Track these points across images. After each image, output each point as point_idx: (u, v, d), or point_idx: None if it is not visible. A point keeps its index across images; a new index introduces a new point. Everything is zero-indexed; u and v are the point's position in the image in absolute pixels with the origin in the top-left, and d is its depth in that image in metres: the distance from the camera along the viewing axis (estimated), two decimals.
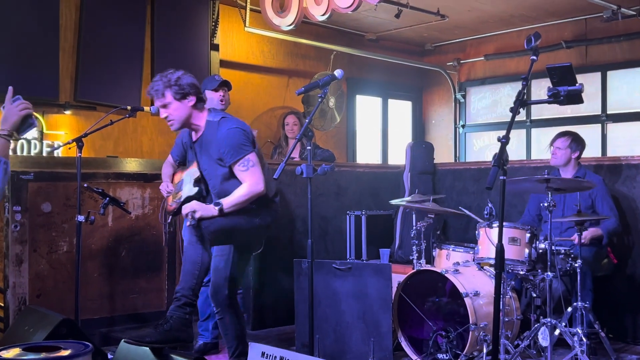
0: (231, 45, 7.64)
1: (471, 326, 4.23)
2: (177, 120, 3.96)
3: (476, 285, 4.43)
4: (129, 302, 5.47)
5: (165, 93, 3.87)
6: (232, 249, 3.90)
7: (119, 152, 6.55)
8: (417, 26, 8.20)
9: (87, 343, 2.77)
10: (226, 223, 3.84)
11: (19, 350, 2.71)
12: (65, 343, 2.80)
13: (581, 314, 4.33)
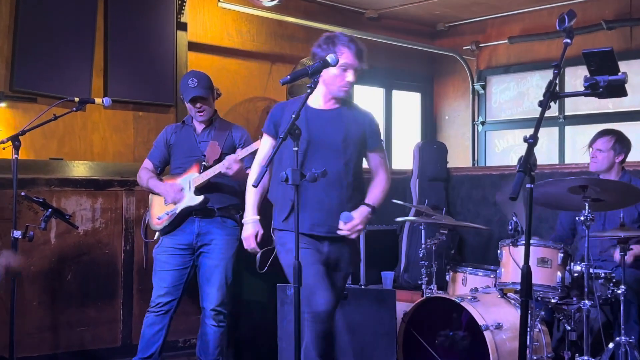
0: (202, 25, 7.63)
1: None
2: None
3: (498, 316, 4.44)
4: (75, 336, 5.44)
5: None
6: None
7: (64, 154, 6.50)
8: (427, 2, 8.22)
9: None
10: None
11: None
12: None
13: (625, 351, 4.34)
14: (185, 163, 4.84)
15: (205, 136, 4.91)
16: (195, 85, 4.84)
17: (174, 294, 4.78)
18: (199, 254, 4.81)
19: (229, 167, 4.63)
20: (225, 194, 4.82)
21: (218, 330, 4.81)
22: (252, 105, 8.07)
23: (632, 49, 8.11)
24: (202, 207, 4.73)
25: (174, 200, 4.78)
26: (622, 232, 4.48)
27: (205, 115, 4.91)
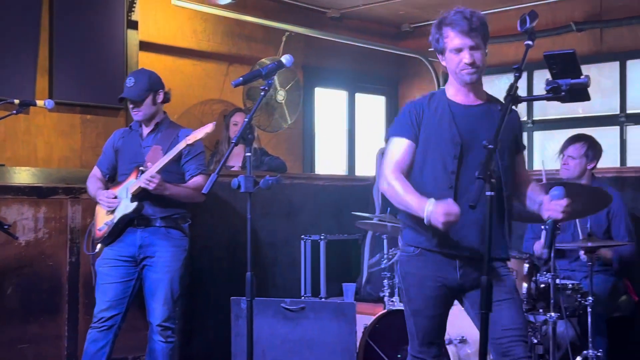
0: (154, 23, 7.59)
1: None
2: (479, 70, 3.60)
3: (463, 330, 4.45)
4: (16, 353, 5.37)
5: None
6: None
7: (5, 159, 6.42)
8: (392, 2, 8.26)
9: None
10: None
11: None
12: None
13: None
14: (128, 169, 4.77)
15: (150, 141, 4.79)
16: (131, 86, 4.73)
17: (118, 308, 4.70)
18: (142, 267, 4.74)
19: (146, 183, 4.49)
20: (168, 202, 4.68)
21: (167, 347, 4.75)
22: (208, 107, 8.04)
23: (603, 51, 8.22)
24: (140, 215, 4.64)
25: (110, 208, 4.72)
26: (590, 242, 4.53)
27: (140, 115, 4.78)
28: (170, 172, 4.62)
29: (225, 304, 4.89)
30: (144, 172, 4.57)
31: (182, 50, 7.85)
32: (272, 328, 4.69)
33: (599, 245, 4.60)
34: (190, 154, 4.69)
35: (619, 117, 8.26)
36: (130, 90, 4.72)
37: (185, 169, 4.73)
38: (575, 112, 8.39)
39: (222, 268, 5.81)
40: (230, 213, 5.89)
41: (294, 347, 4.65)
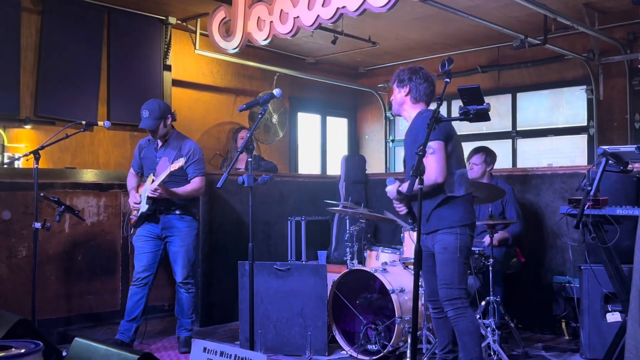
0: (182, 66, 7.54)
1: (397, 319, 4.26)
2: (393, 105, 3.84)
3: (402, 283, 4.45)
4: (84, 302, 5.32)
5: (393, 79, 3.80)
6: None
7: (76, 164, 6.37)
8: (352, 51, 8.26)
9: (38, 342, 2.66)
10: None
11: None
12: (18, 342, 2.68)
13: (493, 307, 4.41)
14: (147, 174, 4.74)
15: (161, 152, 4.69)
16: (146, 117, 4.60)
17: (150, 271, 4.67)
18: (165, 242, 4.71)
19: (152, 193, 4.47)
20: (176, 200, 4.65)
21: (189, 296, 4.73)
22: (222, 127, 8.01)
23: (500, 86, 8.29)
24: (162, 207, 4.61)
25: (134, 208, 4.71)
26: (491, 221, 4.56)
27: (155, 137, 4.69)
28: (176, 175, 4.55)
29: (234, 266, 4.86)
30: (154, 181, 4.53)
31: (203, 86, 7.81)
32: (268, 283, 4.67)
33: (497, 222, 4.62)
34: (189, 161, 4.59)
35: (511, 133, 8.33)
36: (145, 121, 4.61)
37: (187, 172, 4.65)
38: (481, 130, 8.44)
39: (231, 240, 5.78)
40: (237, 201, 5.86)
41: (283, 296, 4.63)
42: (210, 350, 2.70)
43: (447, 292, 3.46)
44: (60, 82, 6.36)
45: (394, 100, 3.75)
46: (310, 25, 5.32)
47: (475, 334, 3.45)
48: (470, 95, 2.79)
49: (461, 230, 3.46)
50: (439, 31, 7.50)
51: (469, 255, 3.58)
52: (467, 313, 3.45)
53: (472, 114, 2.77)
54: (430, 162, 3.30)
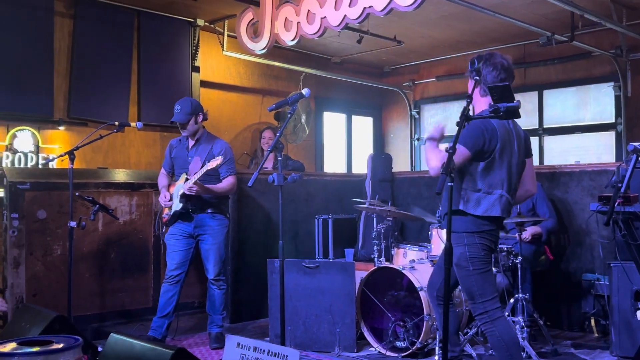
0: (210, 68, 7.61)
1: (425, 317, 4.25)
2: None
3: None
4: (117, 299, 5.39)
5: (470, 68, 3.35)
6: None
7: (108, 164, 6.47)
8: (377, 51, 8.25)
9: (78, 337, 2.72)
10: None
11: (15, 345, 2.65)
12: (58, 338, 2.74)
13: (522, 305, 4.38)
14: (179, 173, 4.78)
15: (193, 152, 4.74)
16: (178, 112, 4.67)
17: (182, 268, 4.71)
18: (197, 240, 4.75)
19: (189, 190, 4.51)
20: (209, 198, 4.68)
21: (220, 292, 4.77)
22: (249, 128, 8.06)
23: (526, 84, 8.20)
24: (194, 206, 4.65)
25: (165, 206, 4.75)
26: (519, 219, 4.53)
27: (185, 133, 4.73)
28: (208, 174, 4.58)
29: (263, 263, 4.90)
30: (188, 179, 4.57)
31: (230, 87, 7.86)
32: (296, 280, 4.69)
33: (526, 220, 4.59)
34: (222, 161, 4.61)
35: (538, 130, 8.24)
36: (178, 115, 4.67)
37: (219, 171, 4.69)
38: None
39: (260, 238, 5.82)
40: (265, 200, 5.90)
41: (312, 293, 4.65)
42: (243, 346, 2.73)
43: (472, 308, 3.35)
44: (92, 84, 6.46)
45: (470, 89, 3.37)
46: (337, 25, 5.33)
47: (506, 348, 3.23)
48: (501, 93, 2.77)
49: (468, 239, 3.24)
50: (464, 29, 7.46)
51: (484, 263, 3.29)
52: (494, 327, 3.24)
53: (502, 112, 2.75)
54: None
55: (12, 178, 4.90)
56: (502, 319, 3.29)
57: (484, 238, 3.26)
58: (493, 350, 3.35)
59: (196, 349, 4.68)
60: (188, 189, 4.50)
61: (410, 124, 9.56)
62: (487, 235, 3.27)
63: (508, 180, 3.29)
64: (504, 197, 3.26)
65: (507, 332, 3.26)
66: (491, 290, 3.30)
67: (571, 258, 5.32)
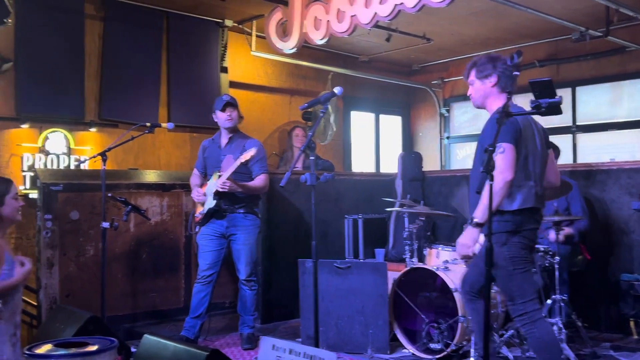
0: (239, 68, 7.60)
1: (460, 318, 4.17)
2: (475, 98, 3.49)
3: None
4: (149, 300, 5.40)
5: (470, 73, 3.45)
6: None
7: (139, 165, 6.50)
8: (405, 49, 8.16)
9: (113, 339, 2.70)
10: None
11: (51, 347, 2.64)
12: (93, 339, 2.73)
13: (559, 306, 4.28)
14: (212, 172, 4.76)
15: (226, 150, 4.73)
16: (229, 99, 4.70)
17: (214, 269, 4.70)
18: (229, 241, 4.73)
19: (222, 186, 4.49)
20: (243, 196, 4.66)
21: (252, 293, 4.75)
22: (277, 128, 8.03)
23: (559, 81, 8.02)
24: (225, 206, 4.63)
25: (199, 201, 4.73)
26: (557, 217, 4.42)
27: (231, 121, 4.69)
28: (240, 172, 4.58)
29: (294, 264, 4.85)
30: (220, 177, 4.55)
31: (258, 87, 7.85)
32: (328, 281, 4.65)
33: (562, 219, 4.48)
34: (254, 159, 4.58)
35: (571, 127, 8.09)
36: (230, 98, 4.72)
37: (252, 169, 4.67)
38: None
39: (290, 238, 5.78)
40: (294, 200, 5.86)
41: (344, 294, 4.60)
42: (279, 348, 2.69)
43: (511, 309, 3.28)
44: (122, 86, 6.49)
45: (477, 93, 3.42)
46: (367, 23, 5.27)
47: (547, 350, 3.16)
48: (542, 89, 2.69)
49: (508, 239, 3.17)
50: (494, 26, 7.34)
51: (524, 262, 3.23)
52: (535, 328, 3.17)
53: (543, 108, 2.67)
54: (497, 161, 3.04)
55: (45, 179, 4.93)
56: (542, 320, 3.24)
57: (523, 237, 3.21)
58: (532, 352, 3.28)
59: (228, 350, 4.66)
60: (221, 185, 4.48)
61: (439, 123, 9.45)
62: (526, 233, 3.21)
63: (534, 172, 3.28)
64: (534, 189, 3.25)
65: (547, 333, 3.21)
66: (531, 290, 3.24)
67: (609, 258, 5.18)
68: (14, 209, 3.19)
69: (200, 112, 6.87)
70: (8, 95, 5.89)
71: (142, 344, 3.54)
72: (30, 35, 5.93)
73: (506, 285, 3.22)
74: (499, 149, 3.06)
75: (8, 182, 3.24)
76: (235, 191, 4.57)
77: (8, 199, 3.17)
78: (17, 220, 3.31)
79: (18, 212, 3.25)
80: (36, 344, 2.70)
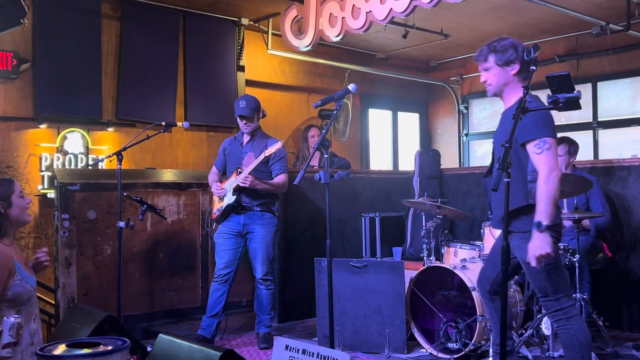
0: (255, 66, 7.58)
1: (478, 317, 4.09)
2: (493, 86, 3.37)
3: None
4: (166, 299, 5.41)
5: (488, 57, 3.36)
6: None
7: (156, 164, 6.51)
8: (423, 45, 8.08)
9: (125, 339, 2.68)
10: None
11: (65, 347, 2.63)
12: (105, 339, 2.71)
13: (580, 305, 4.17)
14: (232, 169, 4.74)
15: (247, 148, 4.70)
16: (244, 107, 4.63)
17: (231, 267, 4.67)
18: (246, 239, 4.70)
19: (243, 181, 4.46)
20: (260, 194, 4.62)
21: (268, 292, 4.71)
22: (294, 126, 8.00)
23: (579, 76, 7.91)
24: (239, 204, 4.60)
25: (219, 195, 4.69)
26: (577, 214, 4.33)
27: (248, 128, 4.68)
28: (261, 171, 4.56)
29: (310, 262, 4.81)
30: (241, 173, 4.53)
31: (275, 85, 7.82)
32: (344, 280, 4.60)
33: (583, 216, 4.38)
34: (275, 158, 4.58)
35: (592, 124, 7.95)
36: (244, 110, 4.63)
37: (272, 169, 4.64)
38: (560, 121, 8.07)
39: (306, 237, 5.74)
40: (311, 198, 5.82)
41: (360, 293, 4.55)
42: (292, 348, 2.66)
43: (545, 305, 3.19)
44: (139, 85, 6.50)
45: (495, 80, 3.28)
46: (382, 19, 5.22)
47: (578, 349, 3.06)
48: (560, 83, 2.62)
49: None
50: (513, 21, 7.23)
51: (557, 258, 3.14)
52: (569, 324, 3.08)
53: (561, 103, 2.59)
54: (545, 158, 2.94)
55: (62, 179, 4.95)
56: (577, 317, 3.14)
57: (553, 231, 3.04)
58: (563, 349, 3.19)
59: (244, 349, 4.63)
60: (242, 179, 4.46)
61: (458, 120, 9.35)
62: (556, 227, 3.08)
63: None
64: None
65: (582, 331, 3.11)
66: (565, 285, 3.15)
67: (631, 255, 5.07)
68: (21, 208, 3.17)
69: (217, 111, 6.87)
70: (26, 96, 5.93)
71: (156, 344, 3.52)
72: (48, 36, 5.96)
73: (538, 282, 3.13)
74: (544, 145, 2.93)
75: (10, 182, 3.20)
76: (256, 187, 4.55)
77: (15, 199, 3.14)
78: (27, 221, 3.28)
79: (26, 212, 3.22)
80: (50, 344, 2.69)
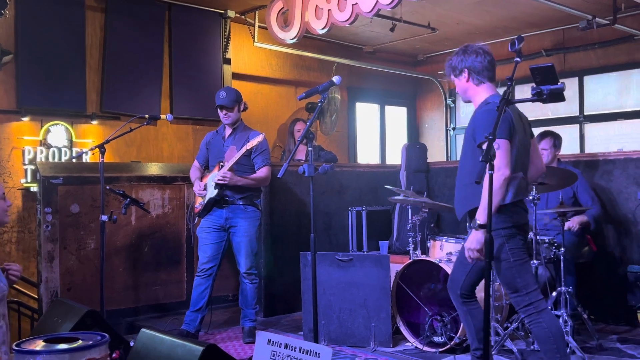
0: (242, 59, 7.51)
1: None
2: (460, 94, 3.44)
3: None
4: (151, 293, 5.36)
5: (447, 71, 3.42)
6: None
7: (141, 158, 6.44)
8: (410, 39, 8.05)
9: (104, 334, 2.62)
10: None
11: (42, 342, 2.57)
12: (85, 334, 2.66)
13: (565, 298, 4.17)
14: (214, 163, 4.69)
15: (229, 141, 4.65)
16: (224, 97, 4.59)
17: (214, 261, 4.63)
18: (229, 233, 4.66)
19: (221, 179, 4.43)
20: (243, 187, 4.57)
21: (252, 287, 4.68)
22: (281, 119, 7.95)
23: (565, 70, 7.91)
24: (224, 197, 4.56)
25: (200, 195, 4.66)
26: (562, 209, 4.32)
27: (229, 119, 4.63)
28: (243, 164, 4.52)
29: (296, 257, 4.78)
30: (223, 166, 4.48)
31: (262, 79, 7.76)
32: (329, 274, 4.57)
33: (568, 209, 4.38)
34: (257, 151, 4.54)
35: (578, 117, 7.96)
36: (224, 100, 4.59)
37: (254, 162, 4.60)
38: (546, 115, 8.09)
39: (292, 231, 5.71)
40: (297, 192, 5.78)
41: (346, 287, 4.52)
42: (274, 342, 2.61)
43: (515, 300, 3.18)
44: (124, 78, 6.43)
45: (459, 89, 3.42)
46: (369, 11, 5.17)
47: (553, 340, 3.09)
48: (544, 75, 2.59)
49: (506, 232, 3.10)
50: (500, 15, 7.21)
51: (524, 253, 3.17)
52: (541, 318, 3.11)
53: (545, 95, 2.57)
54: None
55: (45, 173, 4.88)
56: (547, 310, 3.18)
57: (519, 228, 3.16)
58: (538, 343, 3.21)
59: (229, 344, 4.60)
60: (221, 177, 4.41)
61: (445, 113, 9.34)
62: (522, 225, 3.18)
63: (522, 162, 3.20)
64: (524, 180, 3.19)
65: (553, 323, 3.15)
66: (533, 280, 3.20)
67: (616, 249, 5.08)
68: (2, 210, 3.14)
69: (202, 104, 6.80)
70: (9, 88, 5.84)
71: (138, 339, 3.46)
72: (31, 27, 5.87)
73: (507, 277, 3.14)
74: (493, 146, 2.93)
75: None
76: (237, 184, 4.50)
77: None
78: (5, 222, 3.26)
79: (6, 214, 3.20)
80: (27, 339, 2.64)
